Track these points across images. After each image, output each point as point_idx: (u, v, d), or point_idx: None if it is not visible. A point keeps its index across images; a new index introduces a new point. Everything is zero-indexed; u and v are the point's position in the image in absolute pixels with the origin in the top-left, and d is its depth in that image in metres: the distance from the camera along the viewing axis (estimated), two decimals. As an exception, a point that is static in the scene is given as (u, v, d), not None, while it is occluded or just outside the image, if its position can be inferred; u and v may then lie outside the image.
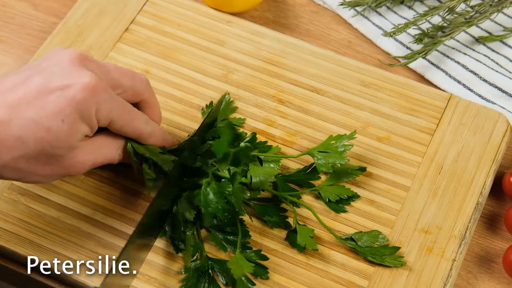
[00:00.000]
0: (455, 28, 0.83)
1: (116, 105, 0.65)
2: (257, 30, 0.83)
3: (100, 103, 0.63)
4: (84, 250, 0.69)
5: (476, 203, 0.71)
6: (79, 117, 0.62)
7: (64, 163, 0.63)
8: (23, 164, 0.61)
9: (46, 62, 0.64)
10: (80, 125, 0.62)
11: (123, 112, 0.66)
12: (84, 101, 0.61)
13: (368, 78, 0.79)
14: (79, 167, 0.64)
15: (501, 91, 0.80)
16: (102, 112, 0.63)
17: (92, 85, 0.62)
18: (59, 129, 0.61)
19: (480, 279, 0.71)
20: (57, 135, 0.61)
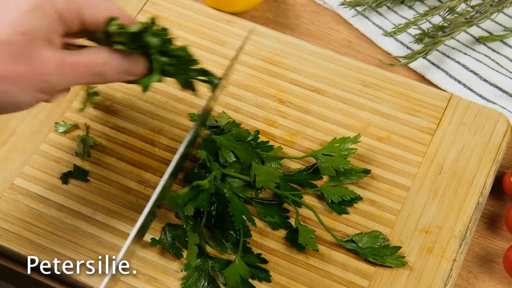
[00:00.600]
0: (455, 28, 0.83)
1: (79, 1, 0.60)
2: (257, 30, 0.83)
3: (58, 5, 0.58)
4: (84, 250, 0.69)
5: (477, 203, 0.71)
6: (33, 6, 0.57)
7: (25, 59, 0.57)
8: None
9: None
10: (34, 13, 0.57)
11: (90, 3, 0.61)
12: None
13: (369, 78, 0.79)
14: (43, 65, 0.57)
15: (502, 91, 0.80)
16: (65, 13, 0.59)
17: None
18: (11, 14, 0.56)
19: (480, 279, 0.71)
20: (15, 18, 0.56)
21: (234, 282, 0.66)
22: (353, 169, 0.72)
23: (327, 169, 0.71)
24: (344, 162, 0.71)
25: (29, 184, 0.73)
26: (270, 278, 0.67)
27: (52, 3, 0.59)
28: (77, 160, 0.74)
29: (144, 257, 0.69)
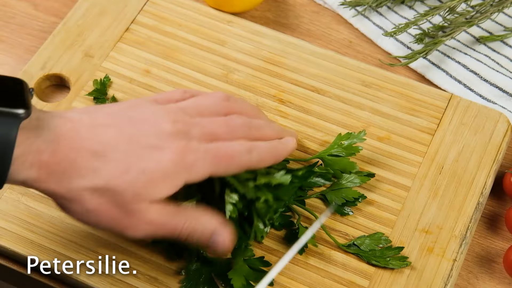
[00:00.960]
0: (455, 28, 0.83)
1: (207, 158, 0.62)
2: (257, 30, 0.83)
3: (190, 166, 0.61)
4: (84, 250, 0.69)
5: (477, 203, 0.71)
6: (162, 177, 0.60)
7: (127, 212, 0.60)
8: (88, 196, 0.59)
9: (141, 115, 0.63)
10: (162, 185, 0.60)
11: (218, 160, 0.63)
12: (172, 165, 0.60)
13: (369, 78, 0.79)
14: (138, 224, 0.61)
15: (502, 91, 0.80)
16: (196, 173, 0.62)
17: (180, 150, 0.61)
18: (137, 176, 0.59)
19: (480, 279, 0.71)
20: (133, 179, 0.59)
21: (240, 284, 0.65)
22: (358, 172, 0.72)
23: (334, 172, 0.71)
24: (351, 166, 0.71)
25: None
26: (273, 281, 0.67)
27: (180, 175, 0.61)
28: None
29: (144, 257, 0.69)
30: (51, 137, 0.58)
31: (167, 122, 0.62)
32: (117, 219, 0.60)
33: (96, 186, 0.59)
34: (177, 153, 0.61)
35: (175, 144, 0.61)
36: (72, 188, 0.59)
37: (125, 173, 0.59)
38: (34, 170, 0.58)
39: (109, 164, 0.59)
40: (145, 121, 0.63)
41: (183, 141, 0.62)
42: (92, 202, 0.59)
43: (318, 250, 0.69)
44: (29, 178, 0.58)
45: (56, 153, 0.58)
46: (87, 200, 0.59)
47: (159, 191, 0.60)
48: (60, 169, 0.58)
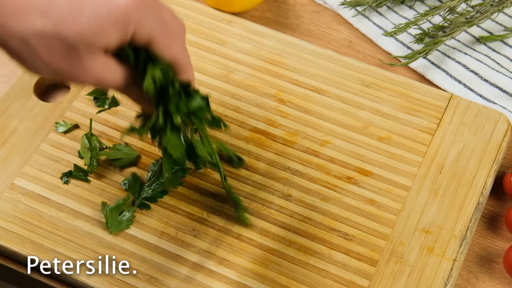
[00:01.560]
0: (455, 28, 0.83)
1: (158, 25, 0.60)
2: (258, 30, 0.83)
3: (142, 20, 0.58)
4: (85, 250, 0.69)
5: (477, 203, 0.71)
6: (114, 23, 0.56)
7: (75, 62, 0.57)
8: (35, 42, 0.55)
9: None
10: (112, 32, 0.57)
11: (166, 33, 0.61)
12: (126, 10, 0.57)
13: (369, 78, 0.79)
14: (84, 74, 0.58)
15: (502, 91, 0.80)
16: (143, 30, 0.59)
17: (134, 2, 0.57)
18: (89, 22, 0.55)
19: (481, 279, 0.71)
20: (84, 27, 0.55)
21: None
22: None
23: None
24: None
25: (29, 184, 0.73)
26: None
27: (130, 24, 0.57)
28: (77, 160, 0.74)
29: (144, 257, 0.69)
30: None
31: None
32: (64, 68, 0.57)
33: (44, 30, 0.55)
34: (133, 1, 0.57)
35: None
36: (17, 31, 0.54)
37: (76, 18, 0.55)
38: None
39: (59, 5, 0.55)
40: None
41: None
42: (38, 48, 0.55)
43: (318, 250, 0.69)
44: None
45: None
46: (34, 45, 0.55)
47: (108, 39, 0.57)
48: (4, 8, 0.54)
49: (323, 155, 0.75)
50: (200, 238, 0.70)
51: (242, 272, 0.68)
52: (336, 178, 0.73)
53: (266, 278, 0.68)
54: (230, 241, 0.70)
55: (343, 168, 0.74)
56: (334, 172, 0.73)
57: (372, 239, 0.70)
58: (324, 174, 0.73)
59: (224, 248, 0.69)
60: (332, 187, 0.73)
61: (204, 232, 0.70)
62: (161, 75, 0.62)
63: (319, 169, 0.74)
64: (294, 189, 0.73)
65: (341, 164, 0.74)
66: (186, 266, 0.68)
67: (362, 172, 0.73)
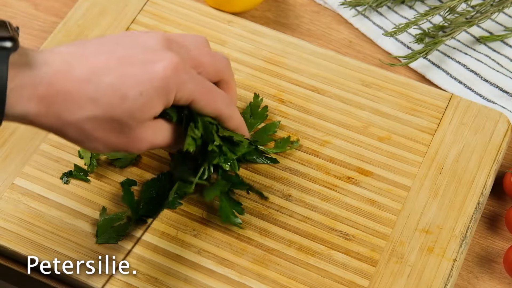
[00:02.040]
0: (456, 28, 0.83)
1: (197, 85, 0.63)
2: (258, 30, 0.83)
3: (181, 84, 0.62)
4: (85, 250, 0.69)
5: (477, 203, 0.71)
6: (157, 94, 0.60)
7: (128, 136, 0.62)
8: (89, 126, 0.60)
9: (129, 38, 0.63)
10: (157, 102, 0.61)
11: (205, 91, 0.64)
12: (166, 80, 0.60)
13: (369, 78, 0.79)
14: (139, 144, 0.62)
15: (502, 91, 0.80)
16: (183, 93, 0.62)
17: (174, 65, 0.61)
18: (135, 101, 0.60)
19: (481, 279, 0.71)
20: (132, 106, 0.60)
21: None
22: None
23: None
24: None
25: (29, 183, 0.73)
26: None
27: (171, 91, 0.61)
28: (77, 160, 0.74)
29: (144, 257, 0.69)
30: (43, 71, 0.58)
31: (157, 41, 0.63)
32: (122, 141, 0.62)
33: (96, 116, 0.59)
34: (171, 65, 0.61)
35: (169, 56, 0.61)
36: (72, 120, 0.59)
37: (123, 100, 0.59)
38: (32, 104, 0.58)
39: (105, 91, 0.59)
40: (134, 42, 0.63)
41: (176, 56, 0.62)
42: (93, 131, 0.60)
43: (318, 250, 0.69)
44: (29, 113, 0.58)
45: (52, 85, 0.58)
46: (88, 129, 0.60)
47: (154, 109, 0.61)
48: (58, 101, 0.58)
49: (323, 155, 0.74)
50: (200, 238, 0.70)
51: (242, 272, 0.68)
52: (336, 178, 0.73)
53: (266, 278, 0.68)
54: (230, 241, 0.70)
55: (343, 168, 0.74)
56: (334, 172, 0.73)
57: (372, 239, 0.70)
58: (324, 174, 0.73)
59: (224, 248, 0.69)
60: (332, 187, 0.73)
61: (204, 232, 0.70)
62: (200, 135, 0.65)
63: (319, 169, 0.74)
64: (294, 189, 0.72)
65: (341, 164, 0.74)
66: (186, 266, 0.68)
67: (362, 172, 0.73)
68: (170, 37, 0.64)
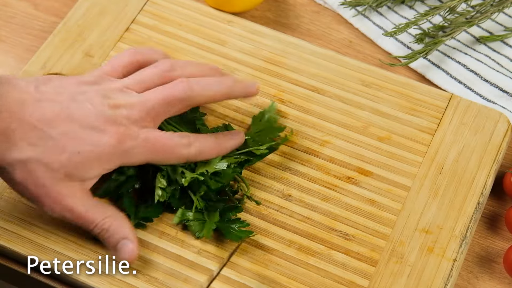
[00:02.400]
0: (456, 28, 0.83)
1: (147, 147, 0.65)
2: (258, 30, 0.83)
3: (127, 151, 0.64)
4: (85, 250, 0.69)
5: (477, 203, 0.71)
6: (97, 160, 0.63)
7: (49, 192, 0.63)
8: (18, 169, 0.62)
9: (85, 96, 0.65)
10: (95, 166, 0.64)
11: (156, 149, 0.66)
12: (108, 151, 0.63)
13: (369, 78, 0.79)
14: (57, 209, 0.64)
15: (502, 91, 0.80)
16: (132, 159, 0.65)
17: (119, 136, 0.63)
18: (71, 158, 0.62)
19: (481, 279, 0.71)
20: (66, 162, 0.62)
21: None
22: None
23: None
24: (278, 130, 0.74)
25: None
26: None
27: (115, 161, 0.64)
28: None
29: (144, 257, 0.68)
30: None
31: (109, 106, 0.64)
32: (39, 197, 0.63)
33: (29, 158, 0.61)
34: (115, 138, 0.63)
35: (115, 129, 0.63)
36: (6, 158, 0.61)
37: (60, 153, 0.61)
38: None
39: (47, 141, 0.61)
40: (89, 100, 0.64)
41: (122, 127, 0.64)
42: (19, 175, 0.62)
43: (318, 250, 0.69)
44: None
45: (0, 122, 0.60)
46: (16, 172, 0.62)
47: (91, 172, 0.63)
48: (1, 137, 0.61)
49: (323, 155, 0.74)
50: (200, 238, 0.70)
51: (242, 272, 0.68)
52: (336, 178, 0.73)
53: (266, 278, 0.68)
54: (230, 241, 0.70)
55: (343, 168, 0.74)
56: (334, 172, 0.73)
57: (372, 239, 0.70)
58: (324, 174, 0.73)
59: (224, 248, 0.69)
60: (332, 187, 0.73)
61: (204, 232, 0.70)
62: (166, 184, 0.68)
63: (319, 169, 0.74)
64: (294, 189, 0.72)
65: (341, 164, 0.74)
66: (186, 266, 0.68)
67: (362, 172, 0.73)
68: (119, 104, 0.65)
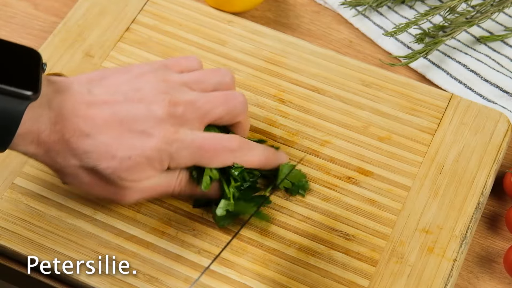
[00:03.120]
0: (456, 28, 0.83)
1: (193, 149, 0.65)
2: (258, 29, 0.83)
3: (174, 153, 0.65)
4: (85, 250, 0.69)
5: (477, 203, 0.71)
6: (147, 162, 0.64)
7: (115, 190, 0.65)
8: (79, 173, 0.64)
9: (138, 94, 0.65)
10: (146, 169, 0.64)
11: (202, 153, 0.66)
12: (157, 152, 0.64)
13: (369, 77, 0.79)
14: (127, 199, 0.66)
15: (502, 91, 0.80)
16: (178, 160, 0.65)
17: (167, 139, 0.64)
18: (122, 162, 0.63)
19: (481, 279, 0.71)
20: (117, 166, 0.63)
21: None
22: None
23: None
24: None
25: (30, 183, 0.73)
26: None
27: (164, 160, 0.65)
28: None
29: (144, 257, 0.69)
30: (51, 117, 0.62)
31: (161, 106, 0.65)
32: (110, 192, 0.65)
33: (87, 166, 0.63)
34: (163, 142, 0.64)
35: (163, 132, 0.64)
36: (66, 165, 0.64)
37: (112, 158, 0.63)
38: (33, 146, 0.62)
39: (99, 147, 0.63)
40: (141, 101, 0.65)
41: (172, 128, 0.64)
42: (85, 177, 0.64)
43: (318, 250, 0.69)
44: (28, 152, 0.63)
45: (54, 133, 0.62)
46: (80, 175, 0.64)
47: (142, 175, 0.64)
48: (56, 148, 0.63)
49: (324, 155, 0.74)
50: (200, 238, 0.70)
51: (242, 272, 0.68)
52: (336, 178, 0.73)
53: (266, 278, 0.68)
54: (230, 241, 0.70)
55: (343, 168, 0.74)
56: (334, 172, 0.73)
57: (372, 239, 0.70)
58: (324, 174, 0.73)
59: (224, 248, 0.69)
60: (332, 187, 0.73)
61: (204, 232, 0.70)
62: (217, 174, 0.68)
63: (320, 169, 0.74)
64: (294, 189, 0.73)
65: (341, 164, 0.74)
66: (186, 266, 0.68)
67: (362, 172, 0.73)
68: (177, 101, 0.66)
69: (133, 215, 0.71)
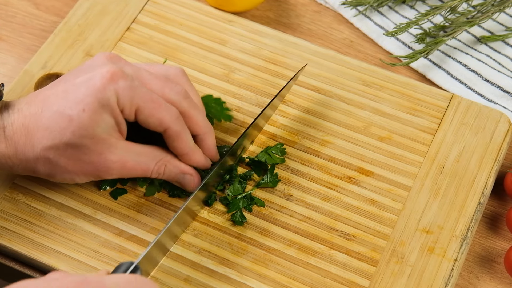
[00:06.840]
0: (456, 28, 0.83)
1: (138, 92, 0.65)
2: (258, 29, 0.83)
3: (120, 90, 0.64)
4: (85, 250, 0.69)
5: (478, 203, 0.71)
6: (99, 105, 0.63)
7: (92, 158, 0.65)
8: (53, 156, 0.64)
9: (77, 69, 0.67)
10: (102, 113, 0.64)
11: (147, 99, 0.65)
12: (102, 88, 0.63)
13: (370, 77, 0.79)
14: (107, 166, 0.66)
15: (503, 91, 0.80)
16: (123, 99, 0.64)
17: (110, 73, 0.64)
18: (80, 118, 0.63)
19: (481, 279, 0.71)
20: (79, 124, 0.63)
21: None
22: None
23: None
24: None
25: (30, 183, 0.73)
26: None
27: (115, 100, 0.64)
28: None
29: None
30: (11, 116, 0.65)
31: (101, 58, 0.67)
32: (89, 165, 0.66)
33: (54, 144, 0.64)
34: (108, 73, 0.64)
35: (106, 67, 0.65)
36: (36, 154, 0.65)
37: (70, 122, 0.63)
38: (3, 145, 0.65)
39: (55, 118, 0.64)
40: (81, 68, 0.67)
41: (115, 65, 0.65)
42: (58, 161, 0.65)
43: (318, 250, 0.69)
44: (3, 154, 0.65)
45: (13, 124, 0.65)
46: (53, 160, 0.65)
47: (103, 122, 0.64)
48: (21, 138, 0.65)
49: (324, 155, 0.74)
50: (201, 238, 0.70)
51: (242, 272, 0.68)
52: (336, 178, 0.73)
53: (267, 278, 0.68)
54: (230, 240, 0.70)
55: (344, 168, 0.74)
56: (334, 172, 0.73)
57: (372, 239, 0.70)
58: (325, 174, 0.73)
59: (224, 248, 0.69)
60: (332, 187, 0.73)
61: (204, 232, 0.70)
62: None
63: (320, 169, 0.74)
64: (294, 189, 0.72)
65: (342, 164, 0.74)
66: (186, 266, 0.68)
67: (363, 172, 0.73)
68: (117, 55, 0.67)
69: (134, 215, 0.71)
